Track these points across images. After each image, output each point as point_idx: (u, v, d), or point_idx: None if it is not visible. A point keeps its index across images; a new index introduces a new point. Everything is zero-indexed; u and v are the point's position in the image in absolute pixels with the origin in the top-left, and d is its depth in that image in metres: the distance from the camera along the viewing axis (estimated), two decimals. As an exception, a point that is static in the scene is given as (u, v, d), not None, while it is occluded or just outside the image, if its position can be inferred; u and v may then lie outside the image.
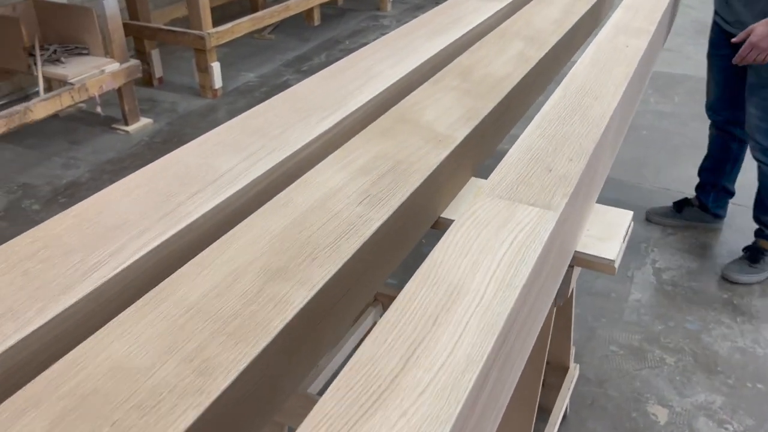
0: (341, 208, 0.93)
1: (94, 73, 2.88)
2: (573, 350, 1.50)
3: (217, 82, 3.56)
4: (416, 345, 0.59)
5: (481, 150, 1.26)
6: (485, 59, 1.50)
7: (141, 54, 3.62)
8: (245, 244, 0.85)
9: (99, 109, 2.98)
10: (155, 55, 3.68)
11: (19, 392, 0.62)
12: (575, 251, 1.04)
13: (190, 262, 0.81)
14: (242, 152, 1.08)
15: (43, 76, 2.88)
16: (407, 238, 1.02)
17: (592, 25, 2.04)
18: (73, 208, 0.92)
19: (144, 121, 3.26)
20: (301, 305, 0.75)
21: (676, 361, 1.84)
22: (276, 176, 1.06)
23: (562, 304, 1.10)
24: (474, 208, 0.80)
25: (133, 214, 0.91)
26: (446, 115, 1.22)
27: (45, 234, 0.86)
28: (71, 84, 2.79)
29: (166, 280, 0.78)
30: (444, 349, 0.58)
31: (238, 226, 0.89)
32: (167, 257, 0.86)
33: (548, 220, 0.77)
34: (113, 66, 2.96)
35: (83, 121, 3.27)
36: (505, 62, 1.49)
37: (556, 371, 1.50)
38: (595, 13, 2.00)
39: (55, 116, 3.24)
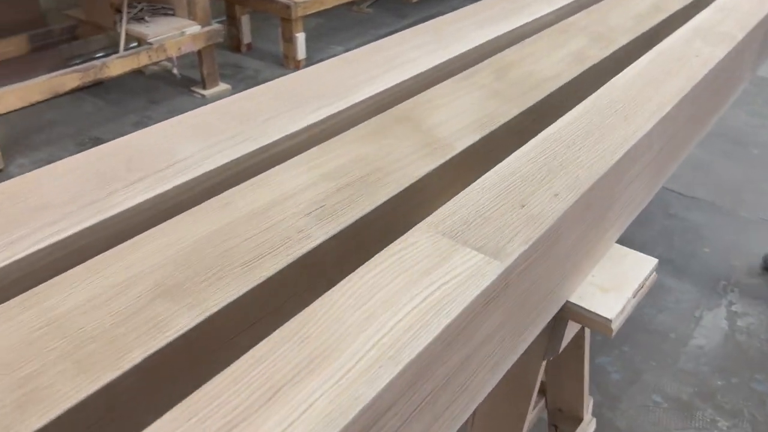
0: (283, 218, 0.80)
1: (174, 35, 2.88)
2: (591, 401, 1.30)
3: (301, 53, 3.49)
4: (228, 430, 0.46)
5: (496, 164, 1.09)
6: (532, 56, 1.31)
7: (232, 19, 3.62)
8: (154, 250, 0.74)
9: (175, 71, 2.99)
10: (245, 20, 3.66)
11: None
12: (567, 301, 0.85)
13: (83, 265, 0.72)
14: (211, 138, 0.98)
15: (128, 34, 2.92)
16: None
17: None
18: (4, 183, 0.85)
19: (222, 86, 3.26)
20: (179, 333, 0.63)
21: (729, 427, 1.58)
22: (238, 170, 0.95)
23: (552, 358, 0.92)
24: (402, 245, 0.65)
25: (60, 197, 0.82)
26: (458, 119, 1.05)
27: (-45, 210, 0.79)
28: (150, 43, 2.81)
29: (46, 282, 0.69)
30: (262, 440, 0.45)
31: (158, 226, 0.78)
32: (73, 253, 0.77)
33: (487, 274, 0.60)
34: (194, 28, 2.95)
35: (165, 81, 3.31)
36: (556, 61, 1.29)
37: (570, 420, 1.31)
38: (691, 12, 1.73)
39: (140, 73, 3.31)
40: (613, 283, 0.88)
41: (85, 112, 3.01)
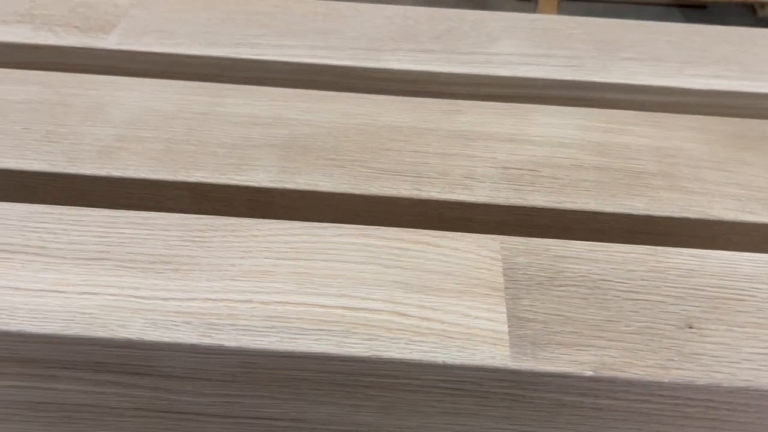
0: (476, 156, 0.63)
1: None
2: None
3: None
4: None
5: None
6: None
7: None
8: (339, 111, 0.68)
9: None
10: None
11: None
12: None
13: (284, 90, 0.71)
14: (547, 48, 0.80)
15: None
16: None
17: None
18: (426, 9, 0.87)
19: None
20: (245, 184, 0.59)
21: None
22: (537, 94, 0.76)
23: None
24: (439, 239, 0.42)
25: (350, 32, 0.81)
26: None
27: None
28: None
29: (251, 87, 0.71)
30: None
31: (372, 96, 0.71)
32: (308, 82, 0.77)
33: (470, 356, 0.34)
34: None
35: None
36: None
37: None
38: None
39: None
40: None
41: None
